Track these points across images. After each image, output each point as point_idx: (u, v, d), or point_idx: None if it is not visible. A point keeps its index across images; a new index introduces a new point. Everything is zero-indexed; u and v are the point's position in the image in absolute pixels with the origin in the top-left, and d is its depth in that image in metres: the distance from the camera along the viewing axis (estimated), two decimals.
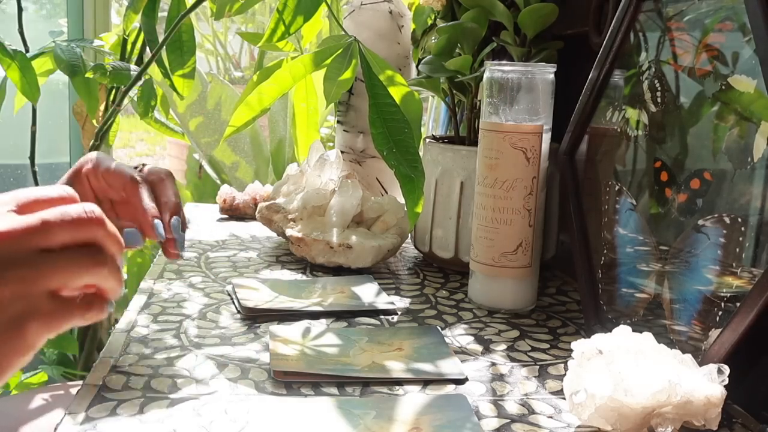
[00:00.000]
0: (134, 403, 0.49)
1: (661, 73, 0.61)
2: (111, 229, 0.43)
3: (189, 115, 2.15)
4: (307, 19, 0.82)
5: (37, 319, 0.40)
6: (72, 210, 0.41)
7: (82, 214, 0.41)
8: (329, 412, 0.49)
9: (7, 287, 0.38)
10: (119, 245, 0.43)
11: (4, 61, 1.10)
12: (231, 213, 1.07)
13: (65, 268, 0.40)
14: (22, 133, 1.32)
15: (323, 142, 1.40)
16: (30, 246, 0.39)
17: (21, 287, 0.39)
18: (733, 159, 0.52)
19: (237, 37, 3.15)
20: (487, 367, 0.58)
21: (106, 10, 1.63)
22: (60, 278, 0.40)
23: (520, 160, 0.68)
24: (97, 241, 0.42)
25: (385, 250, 0.82)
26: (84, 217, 0.41)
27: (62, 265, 0.40)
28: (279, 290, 0.73)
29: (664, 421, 0.45)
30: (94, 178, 0.59)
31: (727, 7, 0.55)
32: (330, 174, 0.88)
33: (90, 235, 0.41)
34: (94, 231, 0.41)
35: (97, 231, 0.41)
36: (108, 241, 0.42)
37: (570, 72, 0.75)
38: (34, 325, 0.39)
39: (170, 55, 1.10)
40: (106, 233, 0.42)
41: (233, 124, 0.77)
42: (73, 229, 0.40)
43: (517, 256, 0.69)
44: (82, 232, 0.41)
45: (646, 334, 0.50)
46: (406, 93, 0.77)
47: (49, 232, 0.40)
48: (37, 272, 0.39)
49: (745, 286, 0.51)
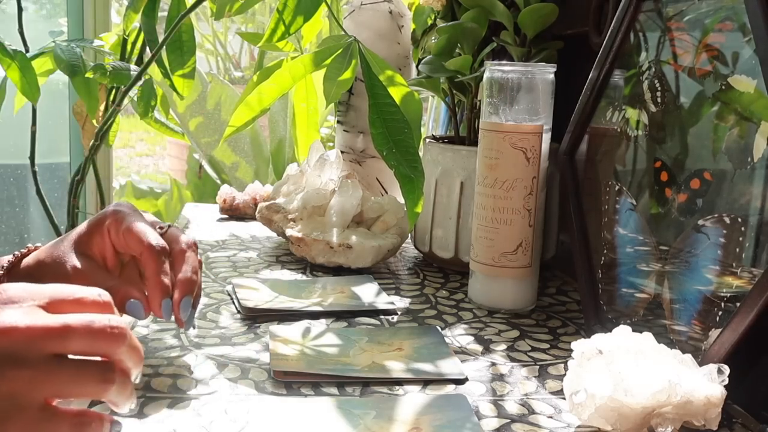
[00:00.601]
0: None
1: (661, 73, 0.61)
2: (134, 345, 0.41)
3: (189, 115, 2.15)
4: (307, 19, 0.82)
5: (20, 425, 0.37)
6: (98, 322, 0.39)
7: (107, 328, 0.39)
8: (329, 412, 0.49)
9: (7, 384, 0.37)
10: (139, 361, 0.42)
11: (4, 61, 1.10)
12: (231, 213, 1.07)
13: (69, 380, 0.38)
14: (22, 133, 1.32)
15: (323, 142, 1.40)
16: (44, 348, 0.38)
17: (17, 386, 0.37)
18: (733, 159, 0.52)
19: (237, 37, 3.15)
20: (487, 367, 0.58)
21: (106, 10, 1.63)
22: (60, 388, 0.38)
23: (520, 160, 0.68)
24: (114, 357, 0.40)
25: (385, 250, 0.82)
26: (108, 331, 0.39)
27: (67, 376, 0.38)
28: (279, 290, 0.73)
29: (664, 421, 0.45)
30: (115, 233, 0.55)
31: (727, 7, 0.55)
32: (330, 174, 0.88)
33: (108, 351, 0.40)
34: (114, 347, 0.40)
35: (117, 348, 0.40)
36: (128, 357, 0.41)
37: (570, 72, 0.75)
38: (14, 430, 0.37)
39: (170, 55, 1.10)
40: (128, 349, 0.41)
41: (233, 124, 0.77)
42: (93, 340, 0.39)
43: (517, 256, 0.69)
44: (101, 347, 0.39)
45: (646, 334, 0.50)
46: (406, 93, 0.77)
47: (67, 339, 0.38)
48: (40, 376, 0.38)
49: (745, 286, 0.51)
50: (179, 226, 1.00)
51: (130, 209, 0.57)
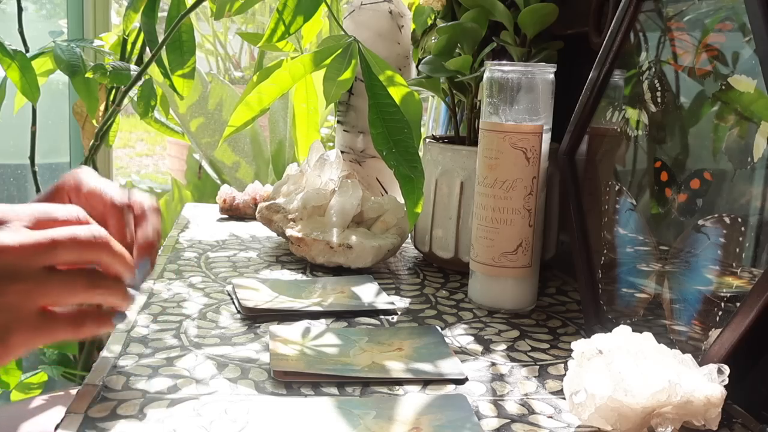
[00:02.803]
0: (134, 403, 0.49)
1: (661, 73, 0.61)
2: (117, 250, 0.45)
3: (190, 116, 2.15)
4: (307, 19, 0.82)
5: (23, 331, 0.42)
6: (81, 232, 0.43)
7: (90, 237, 0.43)
8: (329, 412, 0.49)
9: (5, 298, 0.41)
10: (125, 264, 0.45)
11: (4, 61, 1.10)
12: (231, 213, 1.07)
13: (60, 287, 0.42)
14: (22, 133, 1.32)
15: (323, 142, 1.40)
16: (36, 262, 0.42)
17: (15, 299, 0.41)
18: (733, 159, 0.52)
19: (237, 37, 3.15)
20: (487, 367, 0.58)
21: (106, 10, 1.63)
22: (53, 296, 0.42)
23: (520, 160, 0.68)
24: (101, 263, 0.44)
25: (385, 250, 0.82)
26: (92, 240, 0.43)
27: (58, 284, 0.42)
28: (279, 290, 0.73)
29: (664, 421, 0.45)
30: (76, 196, 0.55)
31: (727, 7, 0.55)
32: (330, 174, 0.88)
33: (95, 258, 0.44)
34: (99, 254, 0.44)
35: (101, 254, 0.44)
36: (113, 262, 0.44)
37: (570, 72, 0.75)
38: (18, 337, 0.42)
39: (170, 55, 1.10)
40: (112, 254, 0.44)
41: (232, 124, 0.77)
42: (79, 250, 0.43)
43: (517, 256, 0.69)
44: (87, 254, 0.43)
45: (646, 334, 0.50)
46: (406, 93, 0.77)
47: (56, 252, 0.42)
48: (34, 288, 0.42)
49: (745, 286, 0.51)
50: (180, 226, 1.00)
51: (89, 173, 0.57)
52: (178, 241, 0.92)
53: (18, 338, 0.42)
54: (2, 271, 0.41)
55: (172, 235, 0.96)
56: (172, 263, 0.82)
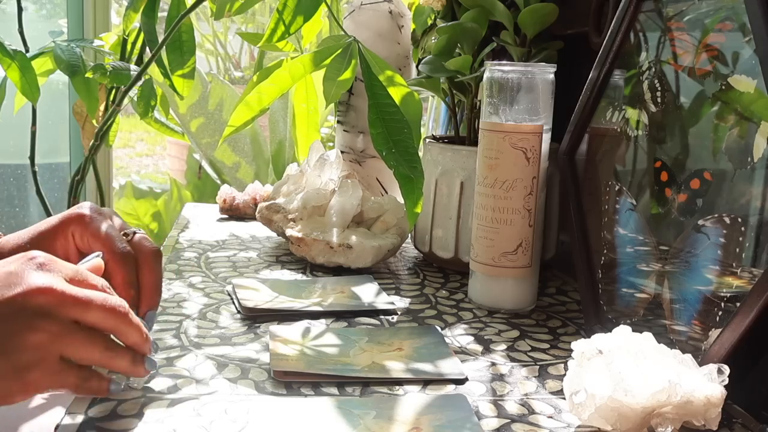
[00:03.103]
0: (134, 403, 0.49)
1: (661, 73, 0.61)
2: (135, 322, 0.49)
3: (190, 116, 2.15)
4: (307, 19, 0.82)
5: (41, 373, 0.44)
6: (111, 301, 0.47)
7: (116, 305, 0.47)
8: (329, 412, 0.49)
9: (37, 335, 0.44)
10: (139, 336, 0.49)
11: (4, 61, 1.10)
12: (231, 213, 1.07)
13: (84, 341, 0.46)
14: (22, 133, 1.32)
15: (323, 142, 1.40)
16: (70, 312, 0.45)
17: (43, 339, 0.44)
18: (733, 159, 0.52)
19: (237, 37, 3.15)
20: (487, 367, 0.58)
21: (106, 10, 1.64)
22: (75, 347, 0.46)
23: (520, 160, 0.68)
24: (119, 332, 0.48)
25: (385, 250, 0.82)
26: (116, 308, 0.47)
27: (82, 337, 0.46)
28: (279, 290, 0.73)
29: (664, 421, 0.45)
30: (80, 238, 0.57)
31: (727, 7, 0.55)
32: (330, 174, 0.88)
33: (115, 325, 0.48)
34: (120, 324, 0.48)
35: (121, 324, 0.48)
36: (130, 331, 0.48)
37: (570, 72, 0.75)
38: (36, 376, 0.44)
39: (170, 55, 1.10)
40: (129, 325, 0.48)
41: (232, 123, 0.77)
42: (105, 314, 0.47)
43: (517, 256, 0.69)
44: (110, 320, 0.47)
45: (646, 334, 0.50)
46: (406, 93, 0.77)
47: (88, 309, 0.46)
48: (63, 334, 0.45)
49: (745, 286, 0.51)
50: (180, 226, 1.00)
51: (94, 212, 0.58)
52: (178, 241, 0.92)
53: (35, 377, 0.44)
54: (41, 308, 0.44)
55: (172, 235, 0.96)
56: (172, 263, 0.82)
